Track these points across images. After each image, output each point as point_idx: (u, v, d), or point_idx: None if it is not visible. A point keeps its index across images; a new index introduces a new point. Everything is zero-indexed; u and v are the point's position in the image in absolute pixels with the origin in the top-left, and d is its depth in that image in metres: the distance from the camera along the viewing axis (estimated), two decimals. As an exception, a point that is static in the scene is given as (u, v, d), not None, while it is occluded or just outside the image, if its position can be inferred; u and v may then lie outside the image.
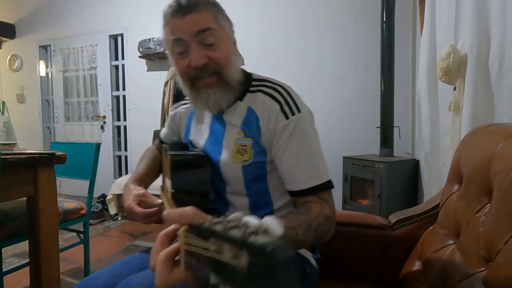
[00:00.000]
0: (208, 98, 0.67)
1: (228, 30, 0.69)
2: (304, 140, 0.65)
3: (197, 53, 0.63)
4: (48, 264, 1.10)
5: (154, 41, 3.11)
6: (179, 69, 0.68)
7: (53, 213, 1.12)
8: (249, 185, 0.70)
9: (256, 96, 0.69)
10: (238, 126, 0.69)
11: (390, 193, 1.93)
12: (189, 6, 0.62)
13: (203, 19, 0.63)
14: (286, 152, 0.65)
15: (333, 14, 2.66)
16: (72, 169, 1.58)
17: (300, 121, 0.65)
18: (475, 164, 0.71)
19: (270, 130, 0.66)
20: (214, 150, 0.72)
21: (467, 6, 1.12)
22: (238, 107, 0.70)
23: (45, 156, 1.06)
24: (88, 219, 1.58)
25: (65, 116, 3.75)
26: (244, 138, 0.68)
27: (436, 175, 1.57)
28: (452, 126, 1.22)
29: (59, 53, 3.69)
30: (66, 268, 1.77)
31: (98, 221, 2.69)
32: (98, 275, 0.69)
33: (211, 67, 0.65)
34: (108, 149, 3.52)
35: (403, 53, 2.33)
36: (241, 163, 0.68)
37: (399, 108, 2.22)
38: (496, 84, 0.98)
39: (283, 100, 0.66)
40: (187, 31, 0.63)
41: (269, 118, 0.66)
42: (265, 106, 0.67)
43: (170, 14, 0.64)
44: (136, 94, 3.43)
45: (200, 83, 0.67)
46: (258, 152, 0.68)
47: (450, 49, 1.14)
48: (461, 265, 0.66)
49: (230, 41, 0.69)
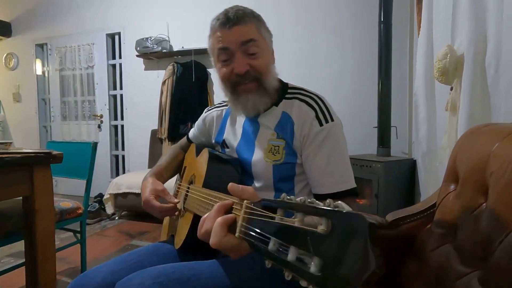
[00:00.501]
0: (247, 102, 0.73)
1: (268, 41, 0.76)
2: (335, 147, 0.70)
3: (241, 61, 0.70)
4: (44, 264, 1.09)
5: (151, 40, 3.10)
6: (222, 75, 0.74)
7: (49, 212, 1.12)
8: (277, 184, 0.74)
9: (292, 102, 0.75)
10: (272, 128, 0.75)
11: (387, 192, 1.94)
12: (237, 19, 0.70)
13: (248, 31, 0.71)
14: (317, 157, 0.70)
15: (329, 14, 2.67)
16: (68, 169, 1.58)
17: (333, 129, 0.71)
18: (471, 164, 0.72)
19: (303, 135, 0.71)
20: (246, 149, 0.78)
21: (464, 7, 1.12)
22: (273, 112, 0.76)
23: (41, 155, 1.06)
24: (85, 218, 1.57)
25: (62, 115, 3.73)
26: (277, 139, 0.74)
27: (433, 175, 1.58)
28: (449, 126, 1.23)
29: (55, 51, 3.66)
30: (62, 268, 1.76)
31: (95, 221, 2.67)
32: (96, 271, 0.69)
33: (252, 74, 0.72)
34: (105, 148, 3.51)
35: (400, 53, 2.34)
36: (272, 162, 0.73)
37: (396, 108, 2.23)
38: (493, 84, 0.99)
39: (318, 108, 0.72)
40: (233, 41, 0.70)
41: (304, 123, 0.72)
42: (301, 111, 0.73)
43: (218, 26, 0.71)
44: (134, 93, 3.42)
45: (240, 88, 0.73)
46: (289, 153, 0.73)
47: (447, 50, 1.14)
48: (458, 264, 0.66)
49: (270, 51, 0.77)
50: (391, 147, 2.15)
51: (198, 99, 3.02)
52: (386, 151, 2.13)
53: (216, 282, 0.62)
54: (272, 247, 0.34)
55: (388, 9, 2.06)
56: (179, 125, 3.05)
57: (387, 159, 2.00)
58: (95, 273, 0.69)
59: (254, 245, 0.37)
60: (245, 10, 0.72)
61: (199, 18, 3.08)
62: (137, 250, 0.78)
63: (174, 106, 3.07)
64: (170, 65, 3.10)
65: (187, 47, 3.06)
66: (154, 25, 3.22)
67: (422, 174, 1.78)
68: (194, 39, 3.07)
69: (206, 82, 3.08)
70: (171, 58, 3.20)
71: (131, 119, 3.45)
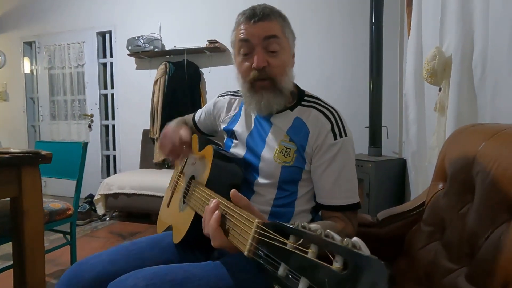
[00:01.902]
0: (262, 99, 0.73)
1: (291, 42, 0.77)
2: (346, 162, 0.72)
3: (260, 56, 0.70)
4: (33, 266, 1.07)
5: (143, 38, 3.07)
6: (242, 69, 0.74)
7: (38, 214, 1.10)
8: (281, 184, 0.75)
9: (309, 110, 0.76)
10: (284, 130, 0.76)
11: (378, 191, 1.97)
12: (263, 15, 0.70)
13: (272, 27, 0.71)
14: (328, 169, 0.71)
15: (321, 15, 2.69)
16: (58, 169, 1.55)
17: (346, 144, 0.72)
18: (459, 163, 0.73)
19: (317, 144, 0.72)
20: (256, 144, 0.78)
21: (452, 10, 1.15)
22: (287, 115, 0.77)
23: (29, 155, 1.03)
24: (75, 219, 1.55)
25: (51, 115, 3.65)
26: (289, 142, 0.74)
27: (423, 174, 1.60)
28: (438, 126, 1.25)
29: (44, 50, 3.59)
30: (52, 270, 1.73)
31: (85, 222, 2.63)
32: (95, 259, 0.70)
33: (268, 71, 0.72)
34: (96, 148, 3.45)
35: (391, 54, 2.37)
36: (282, 163, 0.74)
37: (387, 108, 2.26)
38: (479, 85, 1.01)
39: (335, 121, 0.73)
40: (256, 35, 0.70)
41: (320, 133, 0.72)
42: (318, 121, 0.74)
43: (244, 19, 0.72)
44: (125, 93, 3.37)
45: (258, 85, 0.73)
46: (299, 158, 0.74)
47: (436, 51, 1.17)
48: (446, 261, 0.68)
49: (290, 52, 0.77)
50: (382, 146, 2.18)
51: (190, 98, 3.01)
52: (377, 150, 2.15)
53: (210, 285, 0.62)
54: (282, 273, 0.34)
55: (379, 10, 2.09)
56: (171, 124, 3.02)
57: (378, 159, 2.03)
58: (94, 261, 0.69)
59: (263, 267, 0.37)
60: (272, 9, 0.73)
61: (192, 17, 3.06)
62: (137, 241, 0.78)
63: (166, 105, 3.05)
64: (162, 64, 3.08)
65: (179, 46, 3.04)
66: (146, 24, 3.19)
67: (412, 173, 1.82)
68: (187, 38, 3.05)
69: (198, 82, 3.07)
70: (163, 57, 3.17)
71: (122, 118, 3.41)
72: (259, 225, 0.42)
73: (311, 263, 0.31)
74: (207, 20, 2.99)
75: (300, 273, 0.31)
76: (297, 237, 0.34)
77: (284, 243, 0.35)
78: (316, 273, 0.30)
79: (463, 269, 0.63)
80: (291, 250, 0.34)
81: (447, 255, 0.68)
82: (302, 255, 0.32)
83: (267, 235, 0.39)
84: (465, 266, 0.63)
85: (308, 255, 0.31)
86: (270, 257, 0.37)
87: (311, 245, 0.32)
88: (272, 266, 0.35)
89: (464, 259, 0.63)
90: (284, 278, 0.33)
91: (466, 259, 0.63)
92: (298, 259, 0.32)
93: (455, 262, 0.65)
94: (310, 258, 0.31)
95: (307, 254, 0.31)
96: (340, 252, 0.28)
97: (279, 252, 0.35)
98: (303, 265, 0.32)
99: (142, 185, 2.53)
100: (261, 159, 0.76)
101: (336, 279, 0.27)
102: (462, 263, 0.64)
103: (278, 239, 0.36)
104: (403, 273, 0.80)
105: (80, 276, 0.67)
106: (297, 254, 0.33)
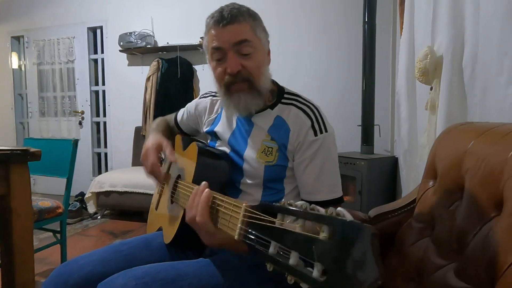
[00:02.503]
0: (239, 101, 0.73)
1: (264, 41, 0.75)
2: (327, 158, 0.72)
3: (233, 61, 0.70)
4: (22, 266, 1.05)
5: (135, 35, 3.03)
6: (217, 74, 0.74)
7: (26, 212, 1.08)
8: (267, 183, 0.75)
9: (289, 108, 0.76)
10: (266, 129, 0.75)
11: (370, 189, 1.99)
12: (231, 18, 0.69)
13: (242, 30, 0.70)
14: (310, 166, 0.72)
15: (315, 14, 2.69)
16: (48, 167, 1.52)
17: (326, 139, 0.72)
18: (448, 161, 0.75)
19: (298, 141, 0.72)
20: (239, 145, 0.78)
21: (444, 10, 1.16)
22: (268, 114, 0.76)
23: (18, 152, 1.01)
24: (65, 218, 1.53)
25: (40, 111, 3.58)
26: (271, 141, 0.74)
27: (414, 172, 1.63)
28: (429, 125, 1.27)
29: (33, 44, 3.51)
30: (41, 269, 1.70)
31: (76, 220, 2.60)
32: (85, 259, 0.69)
33: (244, 74, 0.71)
34: (87, 145, 3.40)
35: (383, 53, 2.39)
36: (265, 163, 0.74)
37: (379, 107, 2.29)
38: (469, 85, 1.03)
39: (315, 118, 0.73)
40: (226, 41, 0.69)
41: (300, 130, 0.72)
42: (298, 118, 0.73)
43: (212, 23, 0.71)
44: (117, 89, 3.33)
45: (233, 88, 0.73)
46: (282, 157, 0.74)
47: (428, 50, 1.18)
48: (435, 257, 0.69)
49: (264, 51, 0.76)
50: (374, 145, 2.20)
51: (183, 95, 2.98)
52: (369, 149, 2.18)
53: (202, 282, 0.62)
54: (273, 250, 0.35)
55: (372, 10, 2.10)
56: (164, 122, 3.00)
57: (370, 157, 2.05)
58: (83, 261, 0.68)
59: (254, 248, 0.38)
60: (240, 9, 0.71)
61: (185, 14, 3.03)
62: (128, 241, 0.77)
63: (159, 102, 3.01)
64: (155, 61, 3.04)
65: (172, 43, 3.01)
66: (138, 20, 3.14)
67: (403, 171, 1.84)
68: (180, 35, 3.01)
69: (191, 79, 3.04)
70: (155, 53, 3.13)
71: (114, 115, 3.36)
72: (248, 209, 0.43)
73: (299, 236, 0.32)
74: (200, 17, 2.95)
75: (289, 248, 0.32)
76: (284, 214, 0.35)
77: (272, 221, 0.36)
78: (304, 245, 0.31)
79: (452, 264, 0.64)
80: (280, 228, 0.35)
81: (437, 251, 0.70)
82: (290, 231, 0.33)
83: (256, 217, 0.40)
84: (454, 262, 0.64)
85: (296, 230, 0.32)
86: (260, 237, 0.38)
87: (298, 220, 0.33)
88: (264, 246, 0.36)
89: (453, 255, 0.65)
90: (276, 255, 0.34)
91: (455, 255, 0.64)
92: (287, 235, 0.33)
93: (445, 258, 0.66)
94: (298, 232, 0.32)
95: (295, 229, 0.32)
96: (326, 222, 0.29)
97: (268, 231, 0.37)
98: (291, 240, 0.33)
99: (134, 182, 2.50)
100: (244, 160, 0.76)
101: (323, 247, 0.28)
102: (451, 259, 0.65)
103: (266, 219, 0.37)
104: (394, 269, 0.82)
105: (67, 276, 0.66)
106: (285, 231, 0.34)
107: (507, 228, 0.52)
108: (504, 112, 0.85)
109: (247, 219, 0.42)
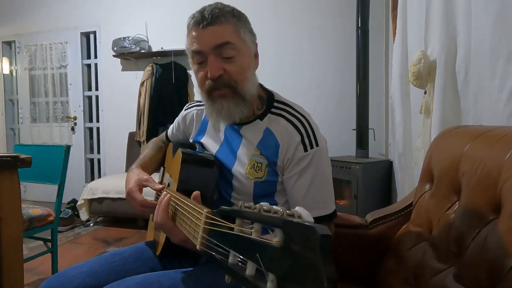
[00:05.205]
0: (222, 109, 0.68)
1: (249, 43, 0.70)
2: (317, 173, 0.69)
3: (214, 65, 0.65)
4: (10, 276, 1.02)
5: (129, 40, 3.01)
6: (198, 78, 0.70)
7: (16, 220, 1.05)
8: (256, 199, 0.72)
9: (278, 120, 0.71)
10: (255, 144, 0.71)
11: (366, 193, 1.99)
12: (211, 19, 0.64)
13: (223, 32, 0.65)
14: (299, 181, 0.68)
15: (309, 19, 2.71)
16: (39, 173, 1.49)
17: (316, 154, 0.69)
18: (445, 164, 0.75)
19: (288, 158, 0.69)
20: (227, 159, 0.74)
21: (436, 15, 1.18)
22: (257, 126, 0.72)
23: (7, 159, 0.99)
24: (56, 226, 1.49)
25: (31, 117, 3.52)
26: (260, 156, 0.71)
27: (409, 175, 1.64)
28: (423, 128, 1.28)
29: (24, 50, 3.46)
30: (31, 279, 1.65)
31: (67, 228, 2.54)
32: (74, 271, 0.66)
33: (225, 79, 0.66)
34: (79, 151, 3.35)
35: (377, 58, 2.42)
36: (254, 179, 0.70)
37: (373, 111, 2.30)
38: (463, 89, 1.04)
39: (305, 132, 0.69)
40: (206, 43, 0.65)
41: (289, 146, 0.69)
42: (287, 133, 0.70)
43: (192, 24, 0.66)
44: (110, 95, 3.29)
45: (215, 94, 0.68)
46: (271, 172, 0.71)
47: (421, 55, 1.19)
48: (433, 261, 0.69)
49: (250, 53, 0.71)
50: (369, 148, 2.21)
51: (177, 101, 2.96)
52: (364, 152, 2.18)
53: None
54: (232, 260, 0.31)
55: (365, 15, 2.13)
56: (158, 127, 2.97)
57: (365, 161, 2.06)
58: (73, 273, 0.66)
59: (215, 258, 0.35)
60: (223, 9, 0.66)
61: (179, 18, 3.02)
62: (120, 251, 0.75)
63: (153, 108, 2.99)
64: (149, 66, 3.02)
65: (166, 47, 3.00)
66: (132, 25, 3.13)
67: (398, 174, 1.85)
68: (174, 39, 3.00)
69: (186, 84, 3.03)
70: (149, 58, 3.11)
71: (107, 121, 3.32)
72: (208, 215, 0.40)
73: (254, 243, 0.28)
74: (194, 22, 2.97)
75: (246, 257, 0.29)
76: (241, 218, 0.32)
77: (231, 228, 0.33)
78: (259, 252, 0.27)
79: (451, 268, 0.64)
80: (237, 234, 0.31)
81: (435, 255, 0.69)
82: (245, 237, 0.30)
83: (216, 224, 0.36)
84: (453, 266, 0.63)
85: (251, 236, 0.29)
86: (220, 246, 0.34)
87: (254, 224, 0.29)
88: (223, 256, 0.33)
89: (451, 259, 0.64)
90: (234, 266, 0.31)
91: (453, 259, 0.64)
92: (243, 242, 0.30)
93: (443, 262, 0.66)
94: (253, 238, 0.29)
95: (251, 235, 0.29)
96: (277, 224, 0.26)
97: (227, 239, 0.33)
98: (247, 247, 0.29)
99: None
100: (233, 175, 0.72)
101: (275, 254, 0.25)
102: (450, 263, 0.64)
103: (225, 225, 0.34)
104: (391, 274, 0.81)
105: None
106: (241, 237, 0.31)
107: (506, 231, 0.52)
108: (497, 116, 0.85)
109: (209, 226, 0.39)
